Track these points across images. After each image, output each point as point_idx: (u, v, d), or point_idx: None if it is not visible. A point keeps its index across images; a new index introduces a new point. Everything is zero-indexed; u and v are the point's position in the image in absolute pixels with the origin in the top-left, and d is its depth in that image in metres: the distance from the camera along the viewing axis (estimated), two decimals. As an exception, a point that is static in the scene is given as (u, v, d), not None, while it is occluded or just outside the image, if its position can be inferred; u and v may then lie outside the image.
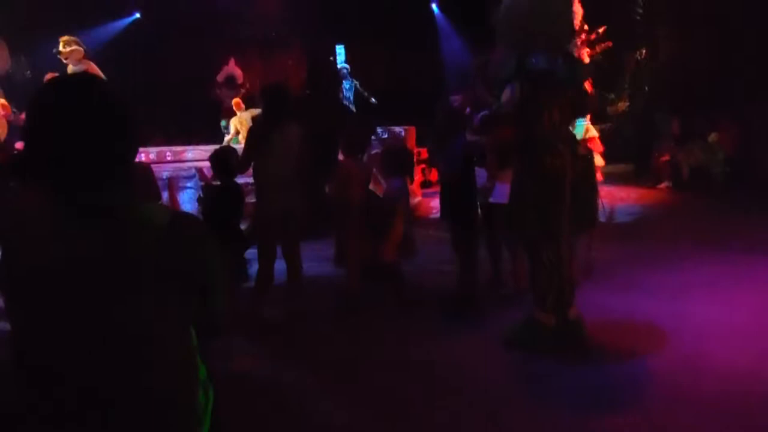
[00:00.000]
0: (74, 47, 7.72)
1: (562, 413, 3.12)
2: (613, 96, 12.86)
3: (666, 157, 10.67)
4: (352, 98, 10.34)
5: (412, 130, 10.03)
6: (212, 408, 1.53)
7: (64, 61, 7.62)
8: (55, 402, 1.31)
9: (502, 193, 4.40)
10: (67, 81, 1.34)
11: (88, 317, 1.27)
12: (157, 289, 1.29)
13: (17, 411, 1.35)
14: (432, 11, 14.86)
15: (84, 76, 1.36)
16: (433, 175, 10.95)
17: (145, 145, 8.14)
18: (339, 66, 10.31)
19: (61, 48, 7.69)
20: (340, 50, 10.37)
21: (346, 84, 10.28)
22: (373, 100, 10.70)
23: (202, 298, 1.42)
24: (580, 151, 4.23)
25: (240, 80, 9.17)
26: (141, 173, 4.14)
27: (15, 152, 7.25)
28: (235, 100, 10.56)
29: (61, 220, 1.31)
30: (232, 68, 9.28)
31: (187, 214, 1.50)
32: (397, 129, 9.87)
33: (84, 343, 1.29)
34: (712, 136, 10.37)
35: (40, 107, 1.29)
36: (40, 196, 1.33)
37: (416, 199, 8.11)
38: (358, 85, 10.47)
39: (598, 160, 5.34)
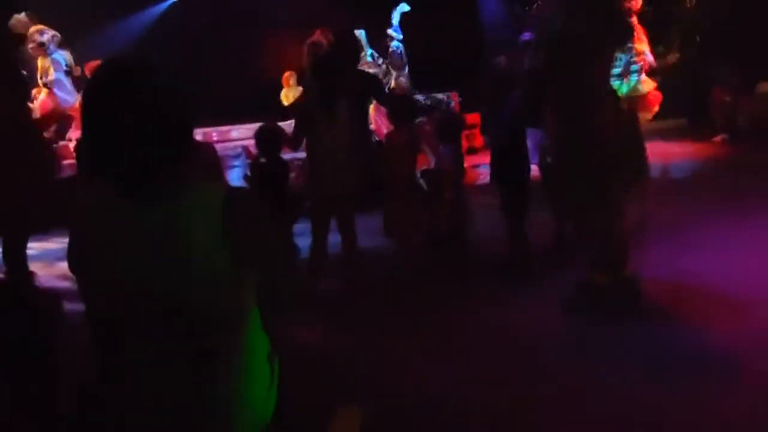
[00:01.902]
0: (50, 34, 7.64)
1: (613, 382, 3.01)
2: (661, 48, 12.33)
3: (723, 108, 10.22)
4: (402, 54, 10.06)
5: (455, 95, 9.86)
6: (278, 380, 1.56)
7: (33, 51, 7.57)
8: (126, 373, 1.36)
9: None
10: (120, 68, 1.32)
11: (154, 297, 1.30)
12: (217, 265, 1.30)
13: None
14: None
15: (135, 63, 1.34)
16: (478, 141, 10.78)
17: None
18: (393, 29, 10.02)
19: (44, 39, 7.55)
20: (361, 34, 10.16)
21: (394, 45, 9.99)
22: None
23: (263, 273, 1.43)
24: (621, 105, 4.14)
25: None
26: (204, 152, 4.20)
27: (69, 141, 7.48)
28: (285, 75, 10.05)
29: (120, 206, 1.33)
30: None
31: (241, 190, 1.51)
32: (440, 95, 9.71)
33: (152, 322, 1.32)
34: (762, 86, 9.90)
35: (92, 96, 1.29)
36: (98, 184, 1.35)
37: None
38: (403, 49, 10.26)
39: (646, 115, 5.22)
